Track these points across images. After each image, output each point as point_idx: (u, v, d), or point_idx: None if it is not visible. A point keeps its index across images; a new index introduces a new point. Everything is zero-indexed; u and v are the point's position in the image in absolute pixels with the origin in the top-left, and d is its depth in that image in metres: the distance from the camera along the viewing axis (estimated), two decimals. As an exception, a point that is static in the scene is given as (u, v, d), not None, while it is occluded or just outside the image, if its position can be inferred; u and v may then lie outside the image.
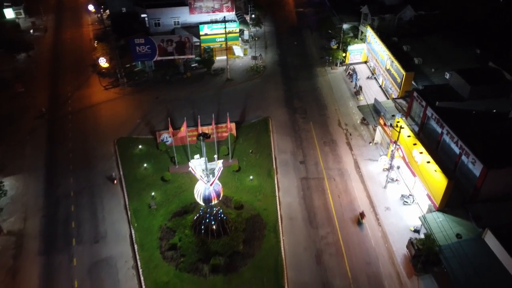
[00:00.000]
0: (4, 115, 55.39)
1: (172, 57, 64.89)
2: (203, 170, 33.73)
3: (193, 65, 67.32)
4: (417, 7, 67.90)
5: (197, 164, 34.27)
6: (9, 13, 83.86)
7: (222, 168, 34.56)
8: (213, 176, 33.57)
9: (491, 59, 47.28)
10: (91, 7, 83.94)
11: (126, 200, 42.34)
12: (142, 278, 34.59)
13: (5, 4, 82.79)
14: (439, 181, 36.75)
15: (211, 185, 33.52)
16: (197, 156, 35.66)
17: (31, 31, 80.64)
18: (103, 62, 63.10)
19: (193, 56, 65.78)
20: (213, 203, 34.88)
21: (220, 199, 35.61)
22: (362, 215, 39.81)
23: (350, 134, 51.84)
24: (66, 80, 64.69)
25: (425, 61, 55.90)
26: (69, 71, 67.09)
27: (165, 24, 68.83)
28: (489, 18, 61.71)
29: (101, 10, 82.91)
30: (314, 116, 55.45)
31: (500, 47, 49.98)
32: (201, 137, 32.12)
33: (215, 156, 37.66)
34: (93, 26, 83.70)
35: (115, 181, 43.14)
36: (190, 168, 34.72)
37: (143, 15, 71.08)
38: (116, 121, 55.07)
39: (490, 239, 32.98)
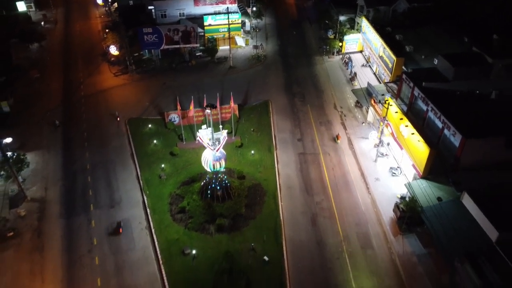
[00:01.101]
0: (22, 99, 59.26)
1: (178, 46, 68.77)
2: (209, 139, 37.63)
3: (197, 53, 71.20)
4: (411, -1, 71.47)
5: (204, 134, 38.21)
6: (21, 6, 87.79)
7: (226, 137, 38.53)
8: (219, 143, 37.46)
9: (475, 44, 50.98)
10: (99, 0, 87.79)
11: (138, 171, 46.27)
12: (154, 236, 38.51)
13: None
14: (423, 151, 40.63)
15: (217, 151, 37.43)
16: (204, 126, 39.49)
17: (42, 23, 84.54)
18: (113, 50, 67.03)
19: (197, 45, 69.66)
20: (219, 169, 38.74)
21: (225, 165, 39.45)
22: (338, 136, 48.65)
23: (345, 116, 55.67)
24: (78, 68, 68.62)
25: (416, 49, 59.62)
26: (80, 60, 71.01)
27: (171, 15, 72.57)
28: (475, 6, 65.12)
29: (109, 3, 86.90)
30: (312, 100, 59.29)
31: (483, 33, 53.43)
32: (209, 107, 36.00)
33: (220, 126, 41.43)
34: (101, 18, 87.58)
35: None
36: (198, 137, 38.69)
37: (150, 7, 74.83)
38: (126, 104, 58.98)
39: (467, 201, 36.78)
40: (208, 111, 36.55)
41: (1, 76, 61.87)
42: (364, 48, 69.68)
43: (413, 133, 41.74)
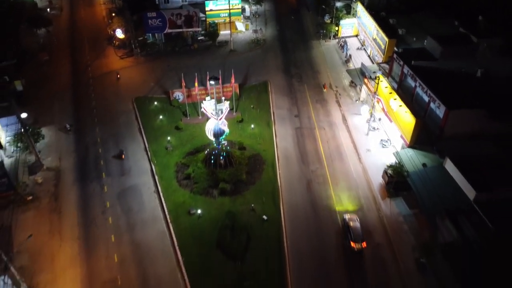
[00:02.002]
0: (33, 80, 62.33)
1: (180, 30, 71.75)
2: (213, 110, 40.92)
3: (199, 38, 74.15)
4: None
5: (208, 105, 41.48)
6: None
7: (228, 108, 41.82)
8: (222, 113, 40.77)
9: (462, 25, 54.08)
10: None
11: (146, 144, 49.60)
12: (162, 199, 41.97)
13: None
14: (410, 122, 43.98)
15: (219, 120, 40.74)
16: (208, 98, 42.74)
17: (48, 9, 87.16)
18: (119, 33, 69.98)
19: (199, 29, 72.63)
20: (221, 137, 42.08)
21: (227, 134, 42.78)
22: (324, 85, 54.02)
23: (340, 94, 58.90)
24: (84, 52, 71.53)
25: (408, 31, 62.72)
26: (86, 44, 73.86)
27: (173, 1, 75.28)
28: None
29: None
30: (308, 80, 62.47)
31: (470, 15, 56.38)
32: (212, 80, 39.23)
33: (223, 98, 44.70)
34: (105, 5, 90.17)
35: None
36: (202, 108, 41.98)
37: (154, -7, 77.51)
38: (132, 84, 62.11)
39: (449, 166, 40.22)
40: (212, 82, 39.76)
41: (12, 59, 64.77)
42: (359, 32, 72.76)
43: (400, 105, 45.07)
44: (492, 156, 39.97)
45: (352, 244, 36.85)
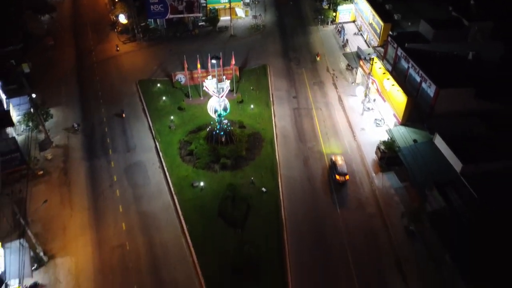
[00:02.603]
0: (40, 63, 64.28)
1: (182, 16, 73.46)
2: (215, 88, 43.03)
3: (200, 23, 75.91)
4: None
5: (210, 83, 43.61)
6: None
7: (229, 87, 43.91)
8: (223, 91, 42.89)
9: (454, 9, 55.89)
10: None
11: (150, 123, 51.76)
12: (167, 174, 44.27)
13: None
14: (401, 101, 46.13)
15: (221, 97, 42.88)
16: (209, 77, 44.80)
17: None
18: (122, 19, 71.77)
19: (200, 15, 74.36)
20: (222, 113, 44.24)
21: (227, 111, 44.94)
22: (318, 54, 55.57)
23: (336, 77, 60.92)
24: (88, 37, 73.38)
25: (403, 17, 64.59)
26: (89, 30, 75.68)
27: (175, -13, 76.82)
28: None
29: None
30: (306, 64, 64.46)
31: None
32: (214, 59, 41.27)
33: (224, 77, 46.77)
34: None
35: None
36: (204, 87, 44.07)
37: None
38: (135, 68, 64.11)
39: (438, 141, 42.41)
40: (213, 61, 41.83)
41: (18, 44, 66.59)
42: (356, 18, 74.53)
43: (393, 84, 47.16)
44: (480, 132, 42.18)
45: (337, 177, 42.72)
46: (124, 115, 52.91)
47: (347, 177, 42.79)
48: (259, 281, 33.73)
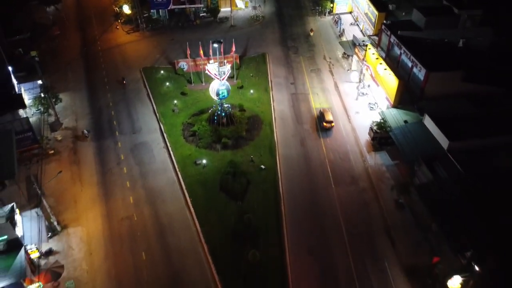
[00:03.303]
0: (47, 51, 66.67)
1: (184, 6, 75.76)
2: (216, 71, 45.51)
3: (201, 14, 78.24)
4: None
5: (212, 67, 46.10)
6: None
7: (230, 70, 46.37)
8: (224, 74, 45.38)
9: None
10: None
11: (154, 107, 54.26)
12: (171, 153, 46.83)
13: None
14: (393, 84, 48.61)
15: (222, 80, 45.37)
16: (212, 61, 47.26)
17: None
18: (126, 9, 74.08)
19: (201, 5, 76.66)
20: (222, 93, 46.75)
21: (228, 94, 47.44)
22: (311, 30, 58.23)
23: (333, 65, 63.38)
24: (93, 27, 75.62)
25: (398, 7, 66.98)
26: (94, 20, 77.91)
27: (176, -21, 79.07)
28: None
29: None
30: (304, 52, 66.90)
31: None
32: (216, 43, 43.72)
33: (225, 61, 49.22)
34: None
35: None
36: (206, 70, 46.54)
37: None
38: (139, 56, 66.53)
39: (427, 121, 44.91)
40: (215, 45, 44.29)
41: (26, 33, 68.98)
42: (353, 9, 76.88)
43: (385, 69, 49.64)
44: (466, 112, 44.68)
45: (324, 124, 49.96)
46: (124, 81, 57.72)
47: (332, 124, 50.25)
48: (258, 246, 36.28)
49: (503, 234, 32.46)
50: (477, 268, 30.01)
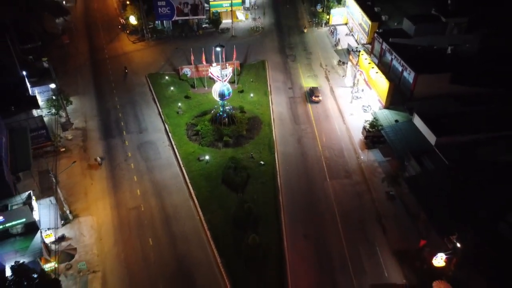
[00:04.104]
0: (57, 58, 70.05)
1: (187, 18, 79.59)
2: (219, 73, 48.71)
3: (204, 25, 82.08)
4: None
5: (214, 70, 49.33)
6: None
7: (231, 73, 49.57)
8: (226, 76, 48.58)
9: (434, 7, 61.91)
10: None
11: (159, 109, 57.32)
12: (176, 150, 49.68)
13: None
14: (384, 87, 51.76)
15: (224, 81, 48.53)
16: (214, 64, 50.51)
17: (64, 2, 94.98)
18: (132, 20, 77.90)
19: (204, 17, 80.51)
20: (226, 97, 49.87)
21: (230, 95, 50.54)
22: (305, 27, 61.70)
23: (329, 71, 66.76)
24: (100, 37, 79.39)
25: (390, 17, 70.80)
26: (101, 30, 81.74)
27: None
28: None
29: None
30: (301, 60, 70.38)
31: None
32: (219, 47, 47.01)
33: (227, 64, 52.43)
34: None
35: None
36: (210, 73, 49.76)
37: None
38: (145, 63, 69.98)
39: (416, 120, 47.91)
40: (218, 49, 47.57)
41: (37, 41, 72.54)
42: (348, 20, 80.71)
43: (377, 72, 52.89)
44: (453, 111, 47.67)
45: (314, 98, 57.92)
46: (126, 71, 63.35)
47: (320, 98, 58.50)
48: (257, 231, 38.74)
49: (482, 218, 35.12)
50: (458, 245, 32.52)
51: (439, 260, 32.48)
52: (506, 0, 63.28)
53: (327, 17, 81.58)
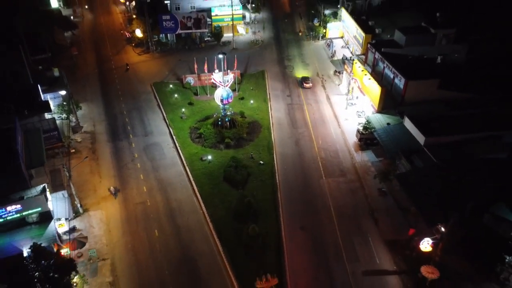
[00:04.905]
0: (66, 68, 73.35)
1: (190, 31, 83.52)
2: (221, 79, 51.94)
3: (206, 38, 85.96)
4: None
5: (217, 76, 52.60)
6: (54, 3, 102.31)
7: (233, 79, 52.79)
8: (227, 82, 51.78)
9: (424, 20, 65.66)
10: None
11: (164, 114, 60.39)
12: (180, 150, 52.50)
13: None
14: (377, 92, 54.92)
15: (226, 86, 51.72)
16: (216, 71, 53.79)
17: (72, 17, 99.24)
18: (138, 33, 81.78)
19: (206, 30, 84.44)
20: (227, 99, 52.95)
21: (231, 98, 53.66)
22: (300, 31, 65.69)
23: (325, 80, 70.13)
24: (107, 48, 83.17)
25: (384, 31, 74.62)
26: (108, 43, 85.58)
27: (184, 8, 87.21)
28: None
29: (128, 1, 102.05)
30: (299, 71, 73.83)
31: (431, 12, 67.85)
32: (222, 54, 50.34)
33: (228, 70, 55.66)
34: (121, 14, 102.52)
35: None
36: (212, 79, 52.97)
37: (166, 1, 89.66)
38: (150, 73, 73.45)
39: (407, 122, 50.87)
40: (220, 56, 50.89)
41: (47, 53, 76.16)
42: (344, 34, 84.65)
43: (369, 79, 56.16)
44: (441, 114, 50.71)
45: (305, 84, 66.77)
46: (128, 67, 69.66)
47: (310, 85, 67.47)
48: (257, 223, 41.17)
49: (467, 209, 37.69)
50: (443, 229, 35.03)
51: (426, 244, 34.92)
52: (497, 7, 67.32)
53: (324, 31, 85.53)
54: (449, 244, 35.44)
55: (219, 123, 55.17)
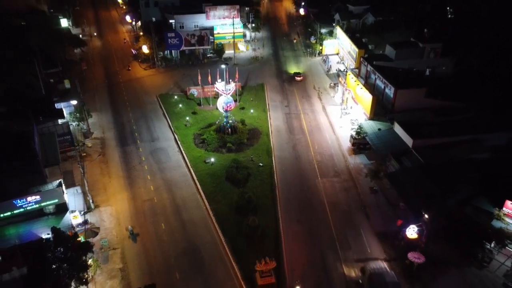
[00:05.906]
0: (76, 81, 77.70)
1: (194, 48, 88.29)
2: (223, 88, 55.99)
3: (208, 55, 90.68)
4: (377, 14, 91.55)
5: (220, 85, 56.66)
6: (64, 23, 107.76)
7: (235, 88, 56.78)
8: (229, 91, 55.81)
9: (413, 36, 70.29)
10: (128, 18, 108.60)
11: (169, 122, 64.17)
12: (184, 154, 56.03)
13: (59, 16, 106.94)
14: (369, 101, 58.86)
15: (228, 94, 55.71)
16: (219, 80, 57.93)
17: (80, 35, 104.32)
18: (145, 49, 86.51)
19: (209, 47, 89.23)
20: (229, 107, 56.81)
21: (233, 104, 57.54)
22: (295, 38, 69.36)
23: (321, 93, 74.26)
24: (114, 64, 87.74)
25: (377, 47, 79.27)
26: (115, 59, 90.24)
27: (187, 27, 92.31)
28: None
29: (135, 21, 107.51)
30: (297, 84, 78.12)
31: (421, 28, 72.57)
32: (224, 65, 54.46)
33: (230, 80, 59.76)
34: (128, 33, 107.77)
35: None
36: (215, 88, 57.02)
37: (171, 21, 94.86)
38: (155, 86, 77.68)
39: (397, 128, 54.54)
40: (223, 66, 55.00)
41: (59, 67, 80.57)
42: (339, 50, 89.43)
43: (361, 88, 60.23)
44: (429, 120, 54.49)
45: (296, 78, 76.86)
46: (129, 69, 74.94)
47: (301, 77, 77.84)
48: (256, 216, 44.31)
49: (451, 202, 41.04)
50: (426, 216, 38.25)
51: (411, 231, 38.01)
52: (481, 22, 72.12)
53: (320, 48, 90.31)
54: (433, 231, 38.49)
55: (222, 129, 58.86)
